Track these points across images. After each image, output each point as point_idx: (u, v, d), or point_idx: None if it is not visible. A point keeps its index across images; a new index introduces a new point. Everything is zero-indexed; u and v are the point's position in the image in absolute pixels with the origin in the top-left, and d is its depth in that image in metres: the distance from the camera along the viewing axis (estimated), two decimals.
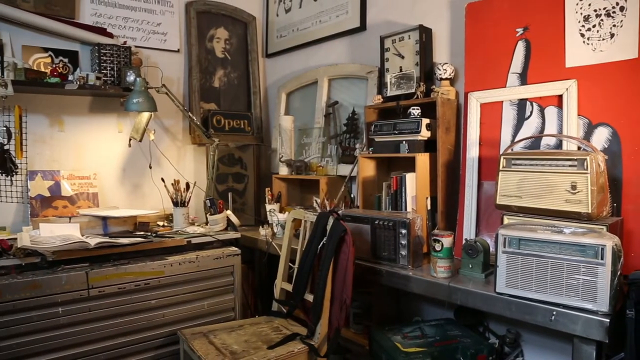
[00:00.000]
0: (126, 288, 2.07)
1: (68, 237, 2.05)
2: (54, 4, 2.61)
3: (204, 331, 2.04)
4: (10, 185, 2.45)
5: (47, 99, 2.60)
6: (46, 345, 1.92)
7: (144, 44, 2.92)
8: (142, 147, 2.83)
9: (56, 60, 2.63)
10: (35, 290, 1.87)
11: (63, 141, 2.66)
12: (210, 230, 2.48)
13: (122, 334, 2.09)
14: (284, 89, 3.21)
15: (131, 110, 2.53)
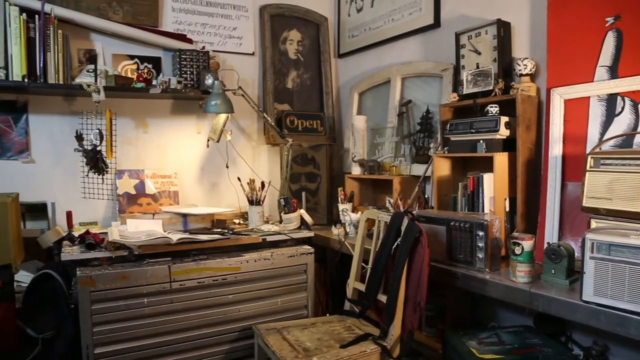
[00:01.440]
0: (205, 282, 2.16)
1: (152, 233, 2.18)
2: (140, 14, 2.78)
3: (278, 327, 2.08)
4: (101, 183, 2.64)
5: (134, 103, 2.77)
6: (132, 332, 2.05)
7: (220, 48, 3.03)
8: (220, 148, 2.94)
9: (141, 66, 2.79)
10: (124, 281, 2.00)
11: (147, 142, 2.82)
12: (284, 229, 2.53)
13: (201, 326, 2.18)
14: (356, 89, 3.21)
15: (210, 112, 2.64)
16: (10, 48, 2.30)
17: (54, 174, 2.60)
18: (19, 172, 2.52)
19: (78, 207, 2.57)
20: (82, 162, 2.53)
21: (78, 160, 2.58)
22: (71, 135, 2.52)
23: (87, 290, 1.95)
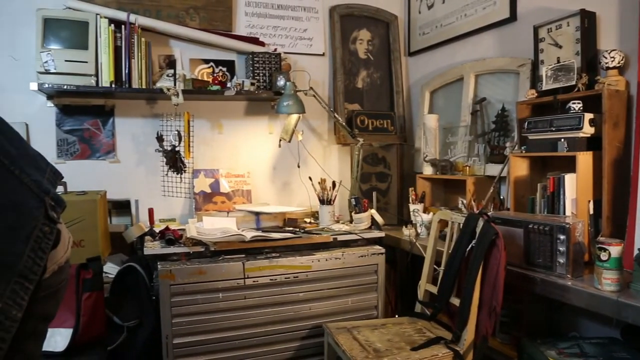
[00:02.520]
0: (277, 280, 2.21)
1: (227, 230, 2.26)
2: (215, 20, 2.89)
3: (348, 326, 2.09)
4: (179, 182, 2.78)
5: (209, 105, 2.88)
6: (208, 325, 2.13)
7: (291, 49, 3.09)
8: (291, 148, 2.99)
9: (216, 69, 2.90)
10: (201, 276, 2.09)
11: (222, 143, 2.93)
12: (355, 229, 2.53)
13: (272, 322, 2.23)
14: (428, 87, 3.15)
15: (282, 112, 2.69)
16: (100, 57, 2.47)
17: (137, 173, 2.77)
18: (106, 171, 2.71)
19: (158, 204, 2.72)
20: (162, 162, 2.68)
21: (159, 160, 2.73)
22: (152, 137, 2.68)
23: (167, 284, 2.05)
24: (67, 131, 2.65)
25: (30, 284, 0.92)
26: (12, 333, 0.88)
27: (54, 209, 1.01)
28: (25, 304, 0.91)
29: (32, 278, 0.93)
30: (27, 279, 0.92)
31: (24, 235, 0.94)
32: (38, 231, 0.97)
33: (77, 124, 2.67)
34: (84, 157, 2.68)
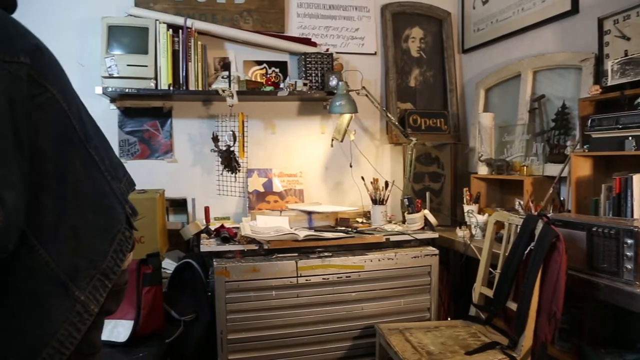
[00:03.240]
0: (329, 279, 2.22)
1: (280, 229, 2.29)
2: (268, 22, 2.93)
3: (400, 328, 2.07)
4: (234, 181, 2.84)
5: (263, 106, 2.93)
6: (261, 322, 2.17)
7: (343, 49, 3.09)
8: (343, 147, 3.00)
9: (269, 71, 2.95)
10: (255, 273, 2.13)
11: (274, 142, 2.97)
12: (408, 229, 2.50)
13: (324, 322, 2.24)
14: (482, 85, 3.07)
15: (334, 112, 2.70)
16: (159, 61, 2.57)
17: (193, 172, 2.85)
18: (164, 171, 2.81)
19: (213, 202, 2.79)
20: (217, 162, 2.76)
21: (214, 160, 2.81)
22: (208, 137, 2.75)
23: (222, 280, 2.10)
24: (128, 132, 2.78)
25: (109, 282, 0.98)
26: (88, 325, 0.94)
27: (132, 216, 1.09)
28: (103, 300, 0.97)
29: (112, 277, 0.99)
30: (107, 277, 0.98)
31: (110, 237, 1.00)
32: (121, 235, 1.03)
33: (137, 126, 2.79)
34: (144, 157, 2.80)
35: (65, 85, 0.99)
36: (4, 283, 0.87)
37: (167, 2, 2.77)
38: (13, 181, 0.79)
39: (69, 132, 0.96)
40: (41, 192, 0.89)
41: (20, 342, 0.88)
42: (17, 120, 0.82)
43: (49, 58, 0.95)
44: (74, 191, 0.94)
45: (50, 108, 0.92)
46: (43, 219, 0.89)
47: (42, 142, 0.88)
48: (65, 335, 0.91)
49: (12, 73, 0.83)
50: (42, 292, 0.90)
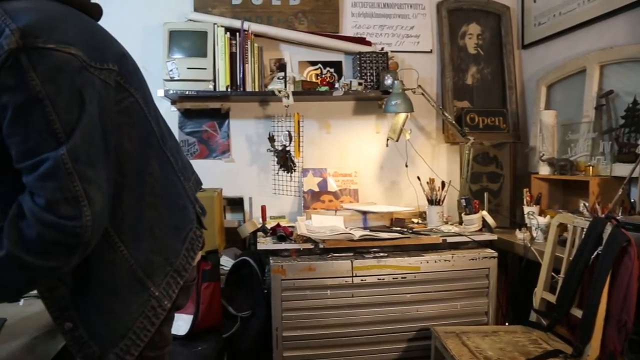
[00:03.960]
0: (385, 280, 2.20)
1: (335, 228, 2.29)
2: (322, 22, 2.94)
3: (457, 331, 2.02)
4: (289, 180, 2.88)
5: (318, 106, 2.95)
6: (316, 321, 2.19)
7: (398, 48, 3.05)
8: (399, 147, 2.96)
9: (324, 71, 2.96)
10: (310, 272, 2.15)
11: (329, 142, 2.98)
12: (465, 230, 2.44)
13: (379, 322, 2.22)
14: (544, 81, 2.95)
15: (390, 111, 2.68)
16: (217, 63, 2.64)
17: (249, 171, 2.91)
18: (221, 170, 2.88)
19: (269, 201, 2.83)
20: (273, 161, 2.80)
21: (270, 160, 2.85)
22: (264, 137, 2.80)
23: (278, 278, 2.13)
24: (188, 133, 2.87)
25: (181, 279, 1.03)
26: (161, 319, 0.99)
27: (201, 215, 1.13)
28: (175, 296, 1.01)
29: (184, 274, 1.04)
30: (179, 274, 1.03)
31: (182, 236, 1.05)
32: (192, 233, 1.08)
33: (196, 126, 2.88)
34: (202, 157, 2.89)
35: (145, 90, 1.04)
36: (89, 277, 0.93)
37: (224, 6, 2.84)
38: (101, 183, 0.84)
39: (149, 134, 1.01)
40: (123, 192, 0.94)
41: (102, 333, 0.95)
42: (105, 125, 0.87)
43: (132, 64, 1.01)
44: (152, 191, 0.99)
45: (134, 112, 0.97)
46: (124, 218, 0.95)
47: (125, 145, 0.94)
48: (140, 328, 0.96)
49: (103, 80, 0.88)
50: (121, 287, 0.95)
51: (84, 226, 0.81)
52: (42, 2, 0.85)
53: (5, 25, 0.77)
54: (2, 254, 0.80)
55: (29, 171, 0.80)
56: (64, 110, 0.80)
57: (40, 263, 0.81)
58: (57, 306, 0.95)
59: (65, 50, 0.81)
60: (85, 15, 0.94)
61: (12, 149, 0.81)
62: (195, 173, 1.21)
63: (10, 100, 0.78)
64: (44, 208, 0.79)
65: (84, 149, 0.82)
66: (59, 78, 0.80)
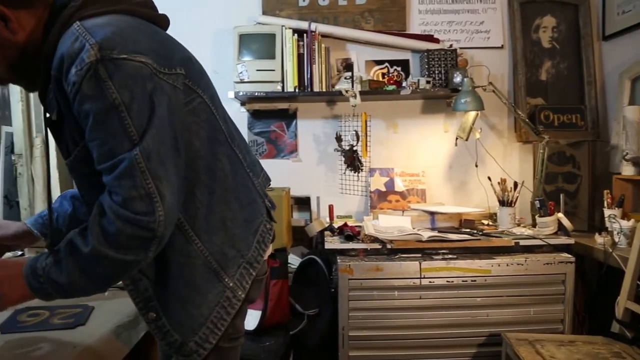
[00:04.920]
0: (454, 282, 2.16)
1: (403, 229, 2.28)
2: (389, 20, 2.92)
3: (530, 339, 1.95)
4: (356, 180, 2.88)
5: (385, 105, 2.93)
6: (383, 322, 2.19)
7: (468, 44, 2.97)
8: (468, 146, 2.89)
9: (391, 69, 2.94)
10: (378, 272, 2.15)
11: (396, 142, 2.95)
12: (539, 233, 2.34)
13: (447, 325, 2.19)
14: (628, 75, 2.76)
15: (459, 110, 2.61)
16: (285, 64, 2.69)
17: (317, 171, 2.94)
18: (289, 170, 2.93)
19: (335, 201, 2.85)
20: (340, 161, 2.82)
21: (337, 159, 2.87)
22: (332, 137, 2.82)
23: (345, 278, 2.15)
24: (257, 133, 2.95)
25: (253, 270, 1.08)
26: (236, 310, 1.04)
27: (271, 209, 1.18)
28: (248, 287, 1.06)
29: (256, 266, 1.08)
30: (252, 266, 1.08)
31: (253, 229, 1.10)
32: (263, 226, 1.13)
33: (265, 127, 2.95)
34: (271, 157, 2.95)
35: (212, 91, 1.10)
36: (168, 270, 1.00)
37: (292, 9, 2.89)
38: (171, 181, 0.90)
39: (217, 132, 1.06)
40: (195, 188, 1.00)
41: (182, 322, 1.01)
42: (175, 125, 0.94)
43: (198, 67, 1.07)
44: (223, 186, 1.05)
45: (202, 112, 1.03)
46: (197, 212, 1.01)
47: (195, 143, 1.00)
48: (217, 317, 1.02)
49: (171, 84, 0.94)
50: (198, 278, 1.01)
51: (157, 221, 0.87)
52: (116, 17, 0.93)
53: (85, 41, 0.86)
54: (87, 249, 0.88)
55: (108, 172, 0.88)
56: (137, 114, 0.87)
57: (120, 257, 0.88)
58: (141, 297, 1.02)
59: (136, 59, 0.88)
60: (155, 26, 1.02)
61: (93, 152, 0.90)
62: (264, 170, 1.25)
63: (92, 108, 0.86)
64: (121, 205, 0.86)
65: (155, 149, 0.88)
66: (132, 85, 0.87)
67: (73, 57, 0.86)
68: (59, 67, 0.88)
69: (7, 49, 0.95)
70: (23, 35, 0.95)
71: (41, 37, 0.96)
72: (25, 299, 0.97)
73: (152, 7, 1.05)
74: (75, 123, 0.92)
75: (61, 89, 0.90)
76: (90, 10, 0.92)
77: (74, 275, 0.90)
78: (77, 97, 0.86)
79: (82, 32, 0.87)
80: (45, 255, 0.93)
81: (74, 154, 0.97)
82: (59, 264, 0.91)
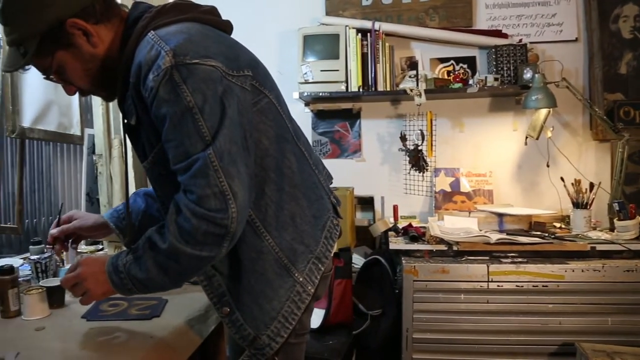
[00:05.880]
0: (524, 287, 2.08)
1: (470, 230, 2.22)
2: (454, 17, 2.85)
3: (608, 350, 1.85)
4: (421, 180, 2.84)
5: (450, 104, 2.87)
6: (448, 325, 2.15)
7: (538, 38, 2.84)
8: (539, 145, 2.76)
9: (457, 67, 2.87)
10: (443, 274, 2.11)
11: (462, 141, 2.88)
12: (619, 238, 2.20)
13: (516, 332, 2.12)
14: None
15: (530, 107, 2.51)
16: (349, 64, 2.70)
17: (380, 171, 2.93)
18: (352, 170, 2.94)
19: (399, 201, 2.82)
20: (404, 161, 2.79)
21: (401, 159, 2.85)
22: (396, 137, 2.80)
23: (410, 279, 2.13)
24: (321, 133, 2.97)
25: (322, 266, 1.10)
26: (306, 304, 1.07)
27: (337, 205, 1.19)
28: (317, 282, 1.08)
29: (324, 262, 1.11)
30: (320, 262, 1.10)
31: (321, 225, 1.13)
32: (330, 222, 1.15)
33: (328, 127, 2.97)
34: (334, 157, 2.97)
35: (277, 91, 1.14)
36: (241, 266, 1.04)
37: (355, 8, 2.89)
38: (243, 179, 0.94)
39: (284, 130, 1.09)
40: (265, 185, 1.04)
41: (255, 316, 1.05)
42: (244, 125, 0.98)
43: (262, 68, 1.11)
44: (291, 183, 1.07)
45: (269, 111, 1.06)
46: (267, 209, 1.04)
47: (264, 141, 1.03)
48: (288, 312, 1.05)
49: (240, 85, 0.98)
50: (269, 273, 1.05)
51: (231, 217, 0.91)
52: (187, 25, 0.99)
53: (160, 48, 0.92)
54: (165, 246, 0.93)
55: (183, 171, 0.93)
56: (209, 116, 0.92)
57: (195, 252, 0.92)
58: (215, 293, 1.07)
59: (207, 63, 0.93)
60: (221, 32, 1.07)
61: (169, 153, 0.95)
62: (326, 168, 1.27)
63: (168, 111, 0.92)
64: (196, 202, 0.90)
65: (226, 148, 0.92)
66: (204, 88, 0.92)
67: (150, 64, 0.92)
68: (137, 74, 0.95)
69: (89, 62, 1.02)
70: (103, 49, 1.02)
71: (118, 48, 1.03)
72: (107, 294, 1.04)
73: (218, 14, 1.11)
74: (152, 127, 0.98)
75: (139, 95, 0.96)
76: (163, 19, 0.99)
77: (152, 271, 0.96)
78: (154, 101, 0.92)
79: (157, 40, 0.93)
80: (125, 253, 1.00)
81: (151, 157, 1.03)
82: (139, 261, 0.97)
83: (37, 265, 1.47)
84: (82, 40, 0.99)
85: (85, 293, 1.03)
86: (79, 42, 0.99)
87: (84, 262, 1.04)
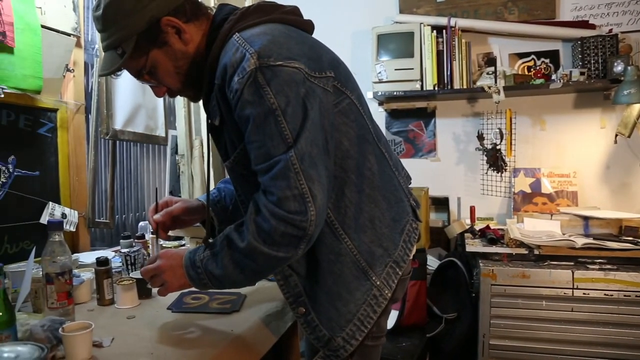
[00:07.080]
0: (613, 296, 1.96)
1: (552, 234, 2.12)
2: (535, 9, 2.72)
3: None
4: (499, 181, 2.74)
5: (531, 100, 2.74)
6: (528, 333, 2.06)
7: (632, 27, 2.64)
8: (631, 143, 2.57)
9: (538, 62, 2.73)
10: (524, 279, 2.03)
11: (544, 140, 2.74)
12: None
13: (603, 344, 2.00)
14: None
15: (621, 103, 2.34)
16: (424, 62, 2.66)
17: (456, 171, 2.86)
18: (427, 169, 2.89)
19: (475, 202, 2.74)
20: (482, 161, 2.70)
21: (478, 159, 2.76)
22: (473, 135, 2.73)
23: (488, 283, 2.06)
24: (395, 133, 2.95)
25: (400, 270, 1.09)
26: (382, 308, 1.06)
27: (417, 208, 1.17)
28: (395, 286, 1.07)
29: (402, 266, 1.09)
30: (398, 265, 1.09)
31: (400, 228, 1.11)
32: (409, 226, 1.13)
33: (402, 126, 2.94)
34: (409, 156, 2.93)
35: (358, 91, 1.13)
36: (318, 267, 1.05)
37: (429, 5, 2.84)
38: (322, 182, 0.95)
39: (365, 132, 1.09)
40: (345, 187, 1.04)
41: (331, 318, 1.05)
42: (326, 127, 0.98)
43: (344, 68, 1.11)
44: (371, 185, 1.07)
45: (350, 112, 1.06)
46: (347, 211, 1.04)
47: (345, 143, 1.03)
48: (364, 315, 1.04)
49: (322, 87, 0.99)
50: (347, 275, 1.04)
51: (309, 220, 0.91)
52: (270, 26, 1.00)
53: (245, 50, 0.94)
54: (243, 244, 0.95)
55: (264, 172, 0.94)
56: (292, 118, 0.92)
57: (272, 252, 0.94)
58: (291, 292, 1.08)
59: (291, 65, 0.94)
60: (302, 32, 1.07)
61: (251, 154, 0.97)
62: (404, 169, 1.24)
63: (252, 113, 0.93)
64: (276, 204, 0.92)
65: (307, 151, 0.92)
66: (288, 90, 0.93)
67: (235, 66, 0.94)
68: (223, 76, 0.97)
69: (180, 59, 1.06)
70: (192, 47, 1.06)
71: (204, 48, 1.06)
72: (183, 287, 1.08)
73: (299, 14, 1.11)
74: (235, 128, 1.00)
75: (224, 96, 0.99)
76: (247, 21, 1.01)
77: (228, 268, 0.99)
78: (239, 103, 0.94)
79: (242, 43, 0.95)
80: (203, 248, 1.04)
81: (233, 157, 1.06)
82: (216, 257, 1.00)
83: (127, 258, 1.56)
84: (175, 39, 1.03)
85: (163, 284, 1.08)
86: (172, 40, 1.03)
87: (163, 255, 1.09)
